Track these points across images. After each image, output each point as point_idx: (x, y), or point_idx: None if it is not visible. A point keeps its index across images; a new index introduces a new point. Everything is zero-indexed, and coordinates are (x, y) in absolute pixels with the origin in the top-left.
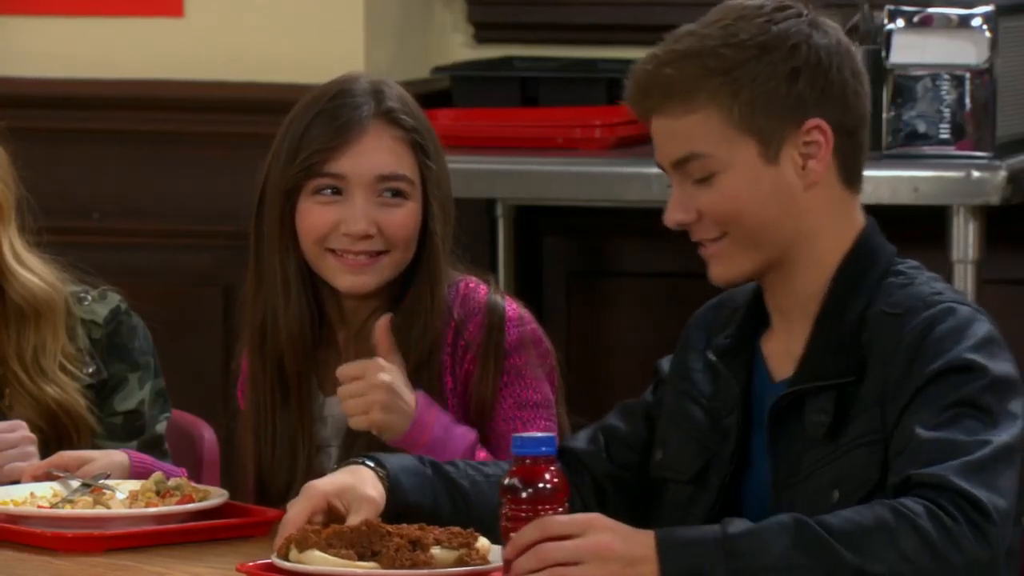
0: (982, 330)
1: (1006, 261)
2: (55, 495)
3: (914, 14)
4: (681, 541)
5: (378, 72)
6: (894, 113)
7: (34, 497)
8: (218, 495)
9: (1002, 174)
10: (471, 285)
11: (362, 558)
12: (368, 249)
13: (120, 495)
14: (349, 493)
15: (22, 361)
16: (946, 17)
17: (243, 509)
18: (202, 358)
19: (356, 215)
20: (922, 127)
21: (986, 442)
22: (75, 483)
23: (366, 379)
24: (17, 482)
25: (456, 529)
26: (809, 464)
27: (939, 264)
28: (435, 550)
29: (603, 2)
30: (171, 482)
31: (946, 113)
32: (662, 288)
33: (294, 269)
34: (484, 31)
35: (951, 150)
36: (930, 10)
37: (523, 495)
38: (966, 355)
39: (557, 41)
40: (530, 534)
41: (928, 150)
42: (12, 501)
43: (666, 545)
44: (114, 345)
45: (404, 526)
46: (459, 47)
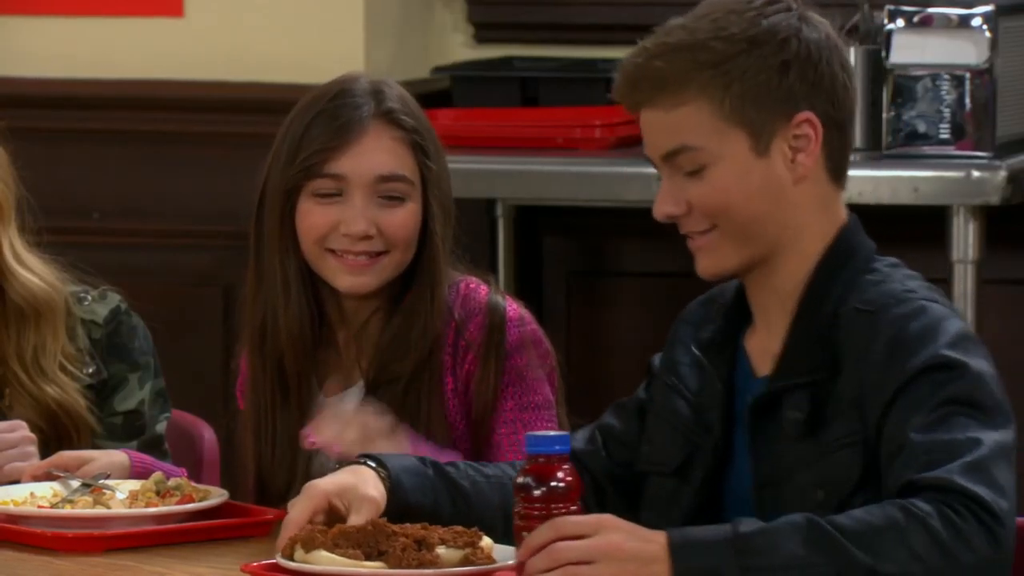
0: (955, 327)
1: (1006, 261)
2: (55, 495)
3: (914, 14)
4: (693, 540)
5: (378, 72)
6: (894, 113)
7: (34, 497)
8: (218, 495)
9: (1002, 174)
10: (471, 285)
11: (368, 558)
12: (368, 250)
13: (120, 495)
14: (350, 493)
15: (22, 361)
16: (946, 17)
17: (243, 509)
18: (202, 358)
19: (356, 215)
20: (922, 127)
21: (980, 440)
22: (75, 483)
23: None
24: (17, 482)
25: (459, 528)
26: (789, 462)
27: (939, 264)
28: (440, 549)
29: (603, 2)
30: (171, 482)
31: (946, 113)
32: (662, 288)
33: (294, 269)
34: (484, 31)
35: (951, 150)
36: (930, 10)
37: (536, 493)
38: (945, 352)
39: (557, 41)
40: (543, 534)
41: (928, 150)
42: (12, 501)
43: (678, 544)
44: (114, 345)
45: (408, 525)
46: (459, 47)
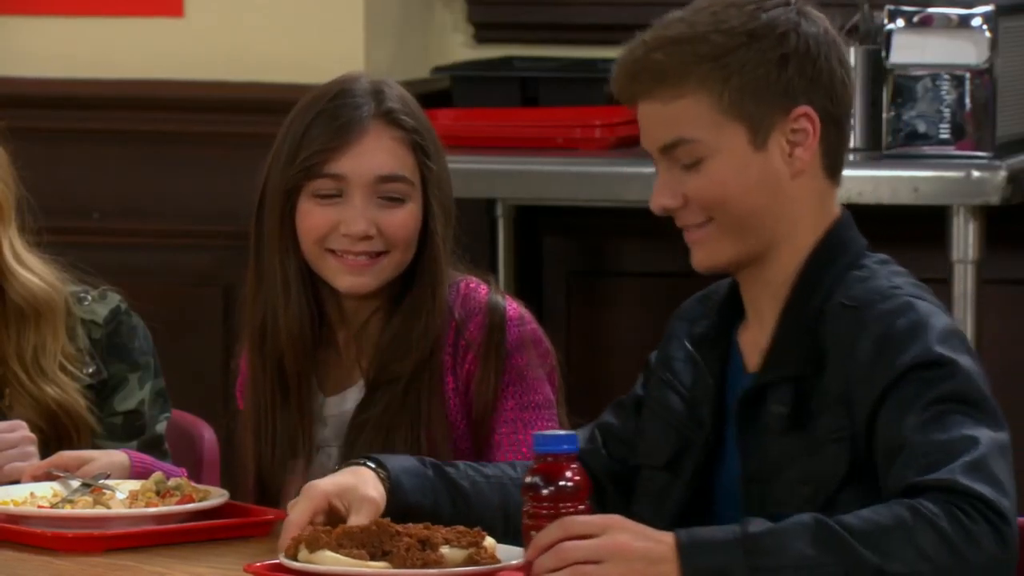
0: (942, 323)
1: (1006, 261)
2: (55, 495)
3: (914, 14)
4: (701, 540)
5: (378, 72)
6: (894, 113)
7: (34, 497)
8: (218, 495)
9: (1002, 174)
10: (471, 285)
11: (373, 558)
12: (368, 250)
13: (120, 495)
14: (350, 493)
15: (22, 361)
16: (946, 17)
17: (243, 509)
18: (202, 358)
19: (356, 216)
20: (922, 127)
21: (976, 438)
22: (75, 483)
23: None
24: (17, 482)
25: (462, 528)
26: (776, 457)
27: (939, 264)
28: (444, 549)
29: (603, 2)
30: (171, 482)
31: (946, 113)
32: (662, 288)
33: (294, 269)
34: (484, 31)
35: (951, 150)
36: (930, 10)
37: (544, 492)
38: (934, 348)
39: (557, 41)
40: (552, 533)
41: (928, 150)
42: (12, 501)
43: (686, 544)
44: (114, 345)
45: (411, 525)
46: (459, 47)
